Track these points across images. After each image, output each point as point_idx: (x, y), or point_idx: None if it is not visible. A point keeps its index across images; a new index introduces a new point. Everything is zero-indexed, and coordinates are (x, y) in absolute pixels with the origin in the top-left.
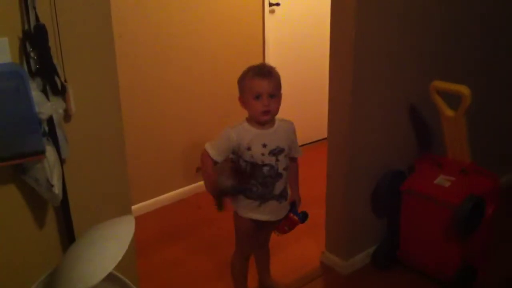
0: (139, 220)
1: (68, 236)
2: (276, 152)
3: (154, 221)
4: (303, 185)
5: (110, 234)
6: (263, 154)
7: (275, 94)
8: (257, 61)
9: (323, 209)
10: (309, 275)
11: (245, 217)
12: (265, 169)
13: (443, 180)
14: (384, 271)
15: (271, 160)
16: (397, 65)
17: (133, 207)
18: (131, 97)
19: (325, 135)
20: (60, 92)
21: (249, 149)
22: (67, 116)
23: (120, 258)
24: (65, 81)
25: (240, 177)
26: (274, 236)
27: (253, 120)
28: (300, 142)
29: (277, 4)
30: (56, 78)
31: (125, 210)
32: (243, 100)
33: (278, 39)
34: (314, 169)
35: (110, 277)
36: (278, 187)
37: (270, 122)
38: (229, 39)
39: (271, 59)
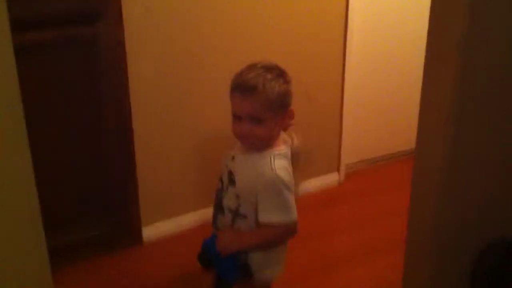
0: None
1: None
2: (230, 179)
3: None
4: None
5: None
6: (226, 166)
7: (262, 117)
8: (332, 49)
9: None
10: None
11: None
12: (219, 184)
13: None
14: None
15: (224, 180)
16: None
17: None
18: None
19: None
20: None
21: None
22: None
23: None
24: None
25: None
26: None
27: None
28: (380, 153)
29: None
30: None
31: None
32: None
33: (365, 22)
34: (394, 194)
35: None
36: (219, 223)
37: (255, 147)
38: (300, 19)
39: (353, 48)
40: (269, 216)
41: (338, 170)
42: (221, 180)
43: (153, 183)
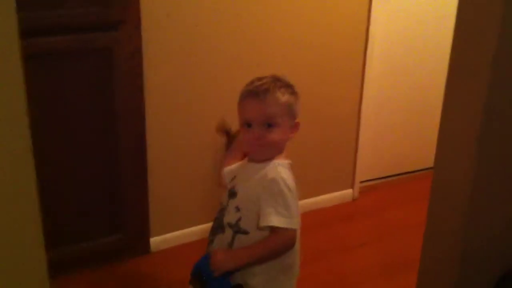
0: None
1: None
2: (231, 193)
3: None
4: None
5: None
6: (227, 187)
7: (273, 122)
8: (352, 62)
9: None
10: None
11: None
12: (219, 208)
13: None
14: None
15: (224, 200)
16: None
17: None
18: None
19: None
20: None
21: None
22: None
23: None
24: None
25: None
26: None
27: None
28: (395, 171)
29: None
30: None
31: None
32: None
33: (387, 37)
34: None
35: None
36: (217, 243)
37: (264, 155)
38: (317, 32)
39: (373, 63)
40: (269, 218)
41: (352, 186)
42: (221, 203)
43: (163, 195)
